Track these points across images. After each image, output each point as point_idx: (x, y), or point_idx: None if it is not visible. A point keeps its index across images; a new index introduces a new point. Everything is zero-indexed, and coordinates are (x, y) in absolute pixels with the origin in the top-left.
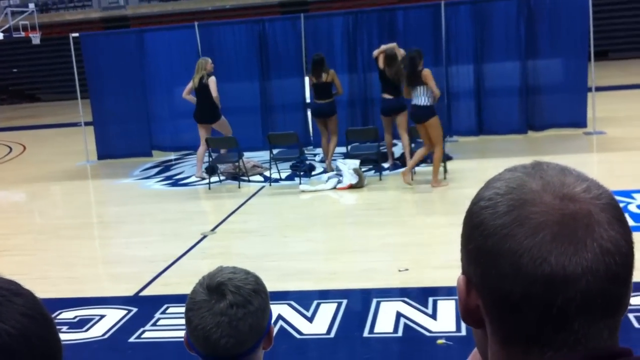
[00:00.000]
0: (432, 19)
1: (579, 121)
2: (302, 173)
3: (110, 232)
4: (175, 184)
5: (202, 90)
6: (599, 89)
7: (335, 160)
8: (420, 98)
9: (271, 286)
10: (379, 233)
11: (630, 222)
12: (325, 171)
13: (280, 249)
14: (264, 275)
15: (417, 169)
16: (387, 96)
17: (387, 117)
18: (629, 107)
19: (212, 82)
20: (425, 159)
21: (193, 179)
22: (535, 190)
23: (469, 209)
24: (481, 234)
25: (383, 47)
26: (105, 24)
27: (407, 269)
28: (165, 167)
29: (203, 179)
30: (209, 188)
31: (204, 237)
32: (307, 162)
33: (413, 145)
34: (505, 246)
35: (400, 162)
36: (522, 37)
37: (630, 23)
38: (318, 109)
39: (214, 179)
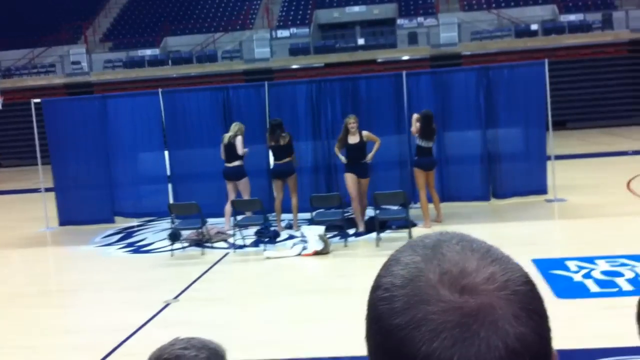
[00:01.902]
0: (394, 88)
1: (540, 189)
2: (267, 239)
3: (69, 300)
4: (138, 250)
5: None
6: (558, 157)
7: (300, 226)
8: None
9: (235, 356)
10: (345, 301)
11: (595, 289)
12: (290, 237)
13: (245, 318)
14: (228, 345)
15: (383, 236)
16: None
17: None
18: (588, 175)
19: (238, 140)
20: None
21: (156, 245)
22: (432, 283)
23: (370, 295)
24: (379, 331)
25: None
26: (69, 89)
27: None
28: (128, 233)
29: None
30: (172, 255)
31: (167, 305)
32: (272, 228)
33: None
34: (404, 351)
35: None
36: (482, 106)
37: (588, 94)
38: (279, 170)
39: (177, 245)
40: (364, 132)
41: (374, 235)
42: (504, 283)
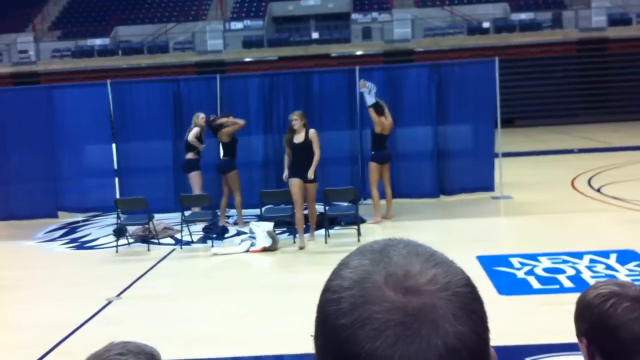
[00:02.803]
0: (347, 83)
1: (487, 186)
2: (214, 236)
3: (9, 296)
4: (81, 246)
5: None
6: (506, 154)
7: (248, 222)
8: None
9: (180, 354)
10: (292, 296)
11: (537, 285)
12: (239, 234)
13: (190, 314)
14: (172, 343)
15: (332, 232)
16: None
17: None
18: (534, 172)
19: (191, 132)
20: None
21: (101, 241)
22: (378, 284)
23: (319, 298)
24: (325, 331)
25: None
26: (15, 79)
27: None
28: (71, 229)
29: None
30: (117, 251)
31: (109, 302)
32: (220, 224)
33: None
34: (348, 349)
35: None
36: (433, 103)
37: (536, 92)
38: (218, 166)
39: (122, 241)
40: (311, 131)
41: (322, 231)
42: (446, 284)
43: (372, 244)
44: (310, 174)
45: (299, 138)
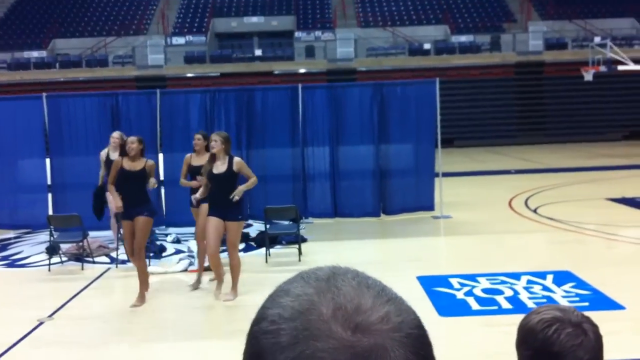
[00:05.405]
0: (289, 101)
1: (427, 205)
2: (152, 254)
3: None
4: (12, 264)
5: None
6: (445, 174)
7: (187, 241)
8: None
9: None
10: (230, 318)
11: (475, 306)
12: (177, 252)
13: (124, 337)
14: None
15: (272, 251)
16: None
17: None
18: (473, 192)
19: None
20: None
21: (33, 258)
22: (324, 318)
23: (251, 328)
24: None
25: None
26: None
27: None
28: (2, 246)
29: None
30: (49, 270)
31: (41, 323)
32: (158, 242)
33: None
34: None
35: (254, 243)
36: (375, 122)
37: (475, 113)
38: None
39: (55, 259)
40: (237, 160)
41: (263, 250)
42: (398, 325)
43: (315, 271)
44: (238, 193)
45: (219, 167)
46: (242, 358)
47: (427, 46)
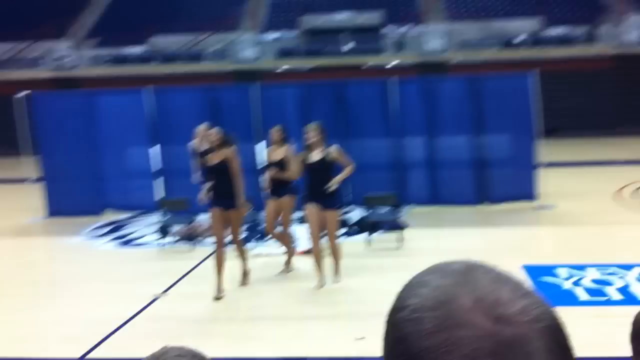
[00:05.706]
0: (382, 94)
1: (529, 195)
2: (257, 236)
3: (57, 291)
4: (126, 243)
5: None
6: (549, 164)
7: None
8: None
9: (222, 352)
10: (333, 299)
11: (584, 297)
12: None
13: (232, 313)
14: (214, 342)
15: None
16: None
17: None
18: (578, 182)
19: None
20: None
21: (146, 238)
22: (466, 308)
23: (390, 317)
24: (405, 351)
25: None
26: (55, 84)
27: (363, 337)
28: (117, 226)
29: None
30: (163, 248)
31: (155, 299)
32: (262, 226)
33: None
34: None
35: (356, 228)
36: (471, 114)
37: (580, 103)
38: None
39: (167, 240)
40: (333, 148)
41: (363, 236)
42: (538, 316)
43: (449, 265)
44: (333, 186)
45: (314, 156)
46: (384, 343)
47: (520, 38)
